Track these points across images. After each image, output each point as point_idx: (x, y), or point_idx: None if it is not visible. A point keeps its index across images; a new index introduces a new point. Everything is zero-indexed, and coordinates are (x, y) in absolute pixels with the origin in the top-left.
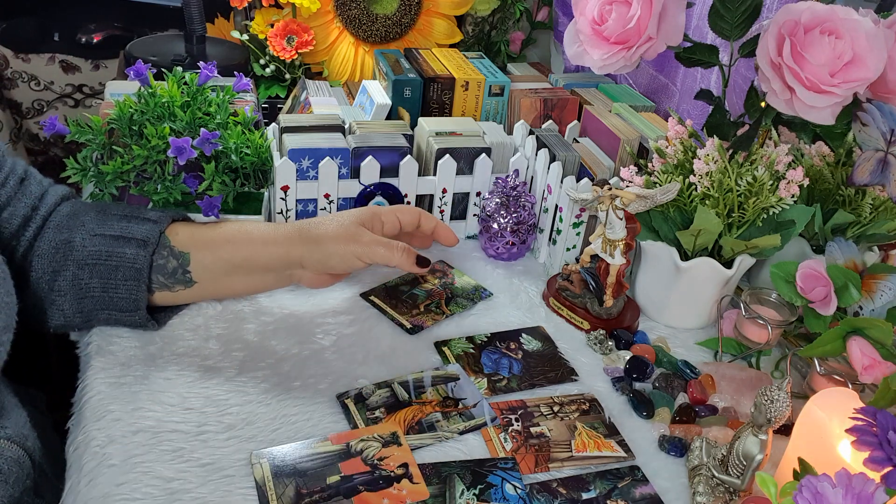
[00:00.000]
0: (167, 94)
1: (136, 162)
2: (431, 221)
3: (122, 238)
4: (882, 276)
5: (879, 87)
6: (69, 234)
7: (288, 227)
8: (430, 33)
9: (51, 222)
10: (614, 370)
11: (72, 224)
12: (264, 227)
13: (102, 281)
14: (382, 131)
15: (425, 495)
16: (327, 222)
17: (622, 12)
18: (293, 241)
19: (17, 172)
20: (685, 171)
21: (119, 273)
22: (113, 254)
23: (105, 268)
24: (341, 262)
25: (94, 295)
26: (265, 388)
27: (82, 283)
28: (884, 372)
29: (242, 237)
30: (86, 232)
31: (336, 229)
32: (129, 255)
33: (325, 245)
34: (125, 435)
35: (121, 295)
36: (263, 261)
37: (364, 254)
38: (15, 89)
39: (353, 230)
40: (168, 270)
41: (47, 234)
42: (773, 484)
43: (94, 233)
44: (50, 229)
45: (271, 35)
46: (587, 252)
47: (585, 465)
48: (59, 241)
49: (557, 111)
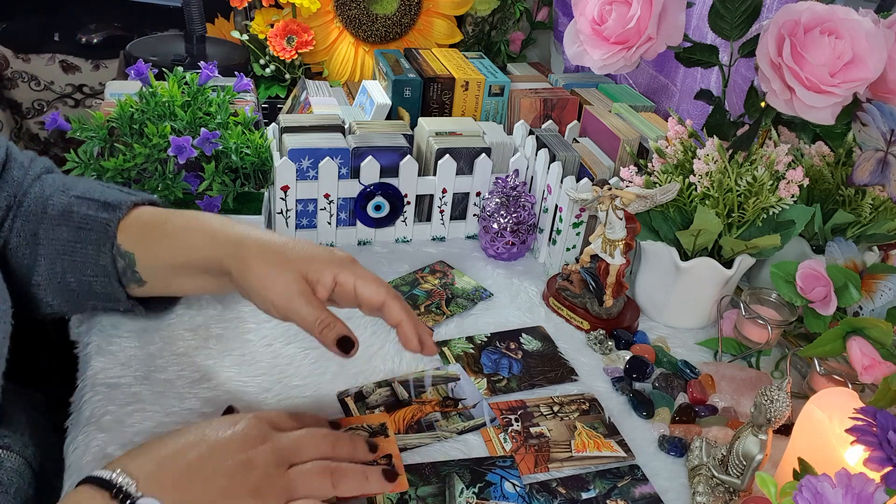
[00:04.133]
0: (168, 94)
1: (137, 160)
2: (395, 314)
3: (81, 230)
4: (882, 276)
5: (879, 87)
6: (34, 224)
7: (233, 231)
8: (430, 33)
9: (21, 210)
10: (614, 370)
11: (37, 211)
12: (216, 224)
13: (76, 276)
14: (382, 131)
15: (404, 487)
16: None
17: (622, 12)
18: (229, 251)
19: None
20: (685, 171)
21: (87, 269)
22: (76, 249)
23: (72, 263)
24: (257, 299)
25: (72, 288)
26: (265, 388)
27: (58, 276)
28: (884, 372)
29: (188, 234)
30: (49, 223)
31: (272, 264)
32: (91, 252)
33: (252, 276)
34: (125, 435)
35: (97, 289)
36: (201, 263)
37: (281, 306)
38: (15, 89)
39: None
40: (120, 270)
41: (17, 225)
42: (773, 484)
43: (55, 222)
44: (19, 219)
45: (271, 35)
46: (587, 252)
47: (585, 465)
48: (27, 232)
49: (557, 111)
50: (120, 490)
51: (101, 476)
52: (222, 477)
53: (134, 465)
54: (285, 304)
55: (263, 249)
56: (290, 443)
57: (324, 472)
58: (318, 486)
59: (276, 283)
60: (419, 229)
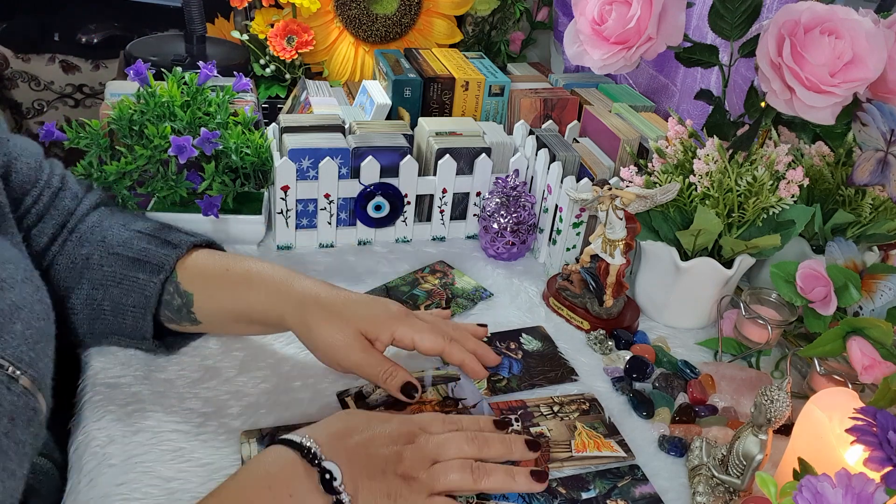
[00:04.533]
0: (167, 94)
1: (139, 162)
2: (456, 358)
3: (137, 261)
4: (882, 276)
5: (879, 87)
6: (89, 248)
7: (296, 290)
8: (430, 33)
9: (73, 235)
10: (614, 370)
11: (92, 238)
12: (278, 279)
13: (113, 304)
14: (382, 131)
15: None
16: (331, 310)
17: (622, 12)
18: (290, 310)
19: (53, 185)
20: (685, 171)
21: (129, 298)
22: (126, 277)
23: (118, 291)
24: (321, 356)
25: (105, 318)
26: (265, 389)
27: (95, 303)
28: (884, 372)
29: (250, 287)
30: (104, 249)
31: (333, 325)
32: (141, 281)
33: (315, 336)
34: (125, 435)
35: (127, 322)
36: (260, 317)
37: (345, 364)
38: (15, 89)
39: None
40: (174, 307)
41: (68, 247)
42: (773, 484)
43: (111, 251)
44: (71, 242)
45: (271, 35)
46: (587, 252)
47: (585, 465)
48: (78, 256)
49: (557, 111)
50: (309, 451)
51: (292, 439)
52: (380, 460)
53: (315, 434)
54: (347, 361)
55: (324, 310)
56: (435, 444)
57: (464, 467)
58: (458, 480)
59: (339, 343)
60: (419, 229)
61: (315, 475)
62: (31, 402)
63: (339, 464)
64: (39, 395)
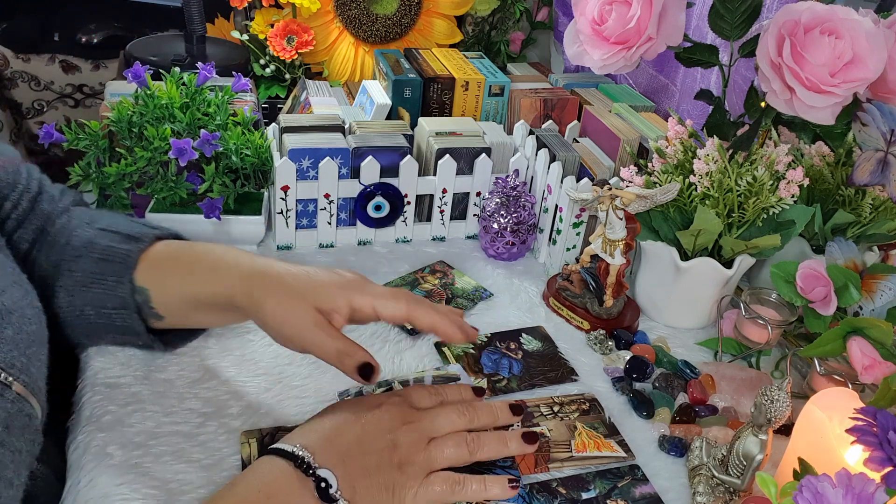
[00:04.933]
0: (166, 96)
1: (139, 164)
2: (424, 321)
3: (103, 261)
4: (882, 276)
5: (879, 87)
6: (58, 254)
7: (244, 267)
8: (430, 33)
9: (47, 239)
10: (614, 370)
11: (61, 242)
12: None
13: (95, 308)
14: (382, 131)
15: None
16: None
17: (622, 12)
18: (238, 288)
19: (32, 189)
20: (685, 171)
21: (108, 302)
22: (96, 279)
23: (92, 295)
24: (273, 335)
25: (91, 321)
26: (265, 389)
27: (77, 309)
28: (884, 372)
29: (199, 269)
30: (71, 252)
31: (283, 299)
32: (111, 282)
33: (265, 313)
34: (125, 435)
35: (116, 323)
36: (211, 299)
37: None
38: (15, 89)
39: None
40: (139, 304)
41: (42, 254)
42: (773, 484)
43: (76, 254)
44: (45, 248)
45: (271, 35)
46: (587, 252)
47: (585, 465)
48: (48, 262)
49: (557, 111)
50: (302, 461)
51: (284, 448)
52: (374, 454)
53: (306, 441)
54: (301, 339)
55: (273, 284)
56: (428, 422)
57: (460, 441)
58: (456, 455)
59: (289, 319)
60: (419, 229)
61: (310, 484)
62: (25, 408)
63: (333, 469)
64: (33, 399)
